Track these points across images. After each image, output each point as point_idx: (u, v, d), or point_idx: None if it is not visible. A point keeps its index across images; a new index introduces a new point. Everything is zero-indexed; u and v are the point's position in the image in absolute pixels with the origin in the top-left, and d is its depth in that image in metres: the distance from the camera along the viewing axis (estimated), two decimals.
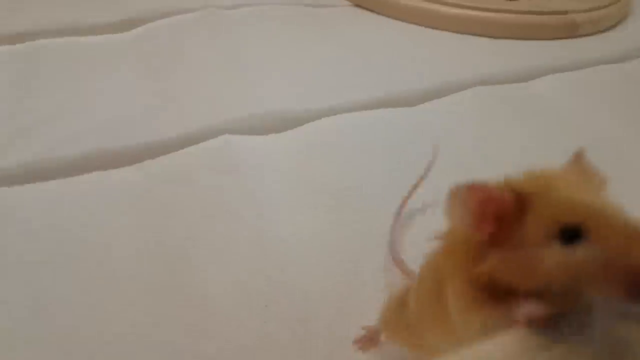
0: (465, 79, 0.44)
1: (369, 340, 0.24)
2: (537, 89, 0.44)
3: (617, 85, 0.46)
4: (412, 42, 0.50)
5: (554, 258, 0.13)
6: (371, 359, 0.24)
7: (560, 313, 0.13)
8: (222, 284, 0.27)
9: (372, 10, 0.56)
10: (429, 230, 0.17)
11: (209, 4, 0.53)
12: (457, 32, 0.51)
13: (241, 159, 0.34)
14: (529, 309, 0.13)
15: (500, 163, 0.36)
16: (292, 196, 0.32)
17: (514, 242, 0.14)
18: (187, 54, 0.46)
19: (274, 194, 0.32)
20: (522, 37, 0.50)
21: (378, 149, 0.36)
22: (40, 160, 0.33)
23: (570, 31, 0.51)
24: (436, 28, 0.52)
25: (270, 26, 0.51)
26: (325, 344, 0.24)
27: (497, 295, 0.14)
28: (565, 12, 0.51)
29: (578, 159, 0.16)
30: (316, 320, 0.25)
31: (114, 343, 0.24)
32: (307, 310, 0.26)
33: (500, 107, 0.41)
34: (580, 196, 0.14)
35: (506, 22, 0.50)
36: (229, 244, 0.29)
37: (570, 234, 0.13)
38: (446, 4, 0.51)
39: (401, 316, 0.20)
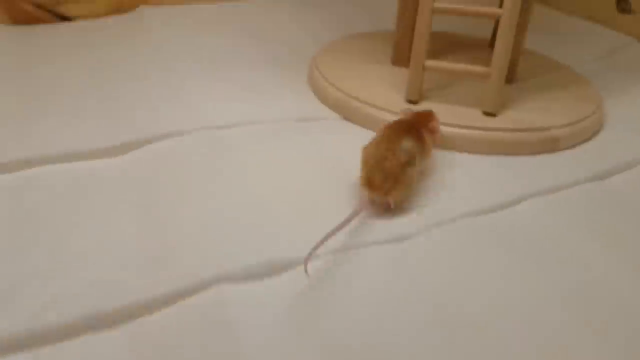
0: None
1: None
2: (519, 213, 0.45)
3: (596, 204, 0.47)
4: None
5: None
6: None
7: None
8: None
9: (357, 124, 0.58)
10: None
11: (202, 125, 0.55)
12: (442, 149, 0.53)
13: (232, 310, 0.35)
14: None
15: (482, 290, 0.37)
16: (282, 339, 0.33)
17: None
18: (183, 177, 0.48)
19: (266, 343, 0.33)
20: (503, 153, 0.52)
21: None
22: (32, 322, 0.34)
23: (551, 146, 0.53)
24: None
25: (261, 145, 0.53)
26: None
27: None
28: (549, 129, 0.52)
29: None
30: None
31: None
32: None
33: (485, 237, 0.43)
34: None
35: (487, 139, 0.52)
36: None
37: None
38: None
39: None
